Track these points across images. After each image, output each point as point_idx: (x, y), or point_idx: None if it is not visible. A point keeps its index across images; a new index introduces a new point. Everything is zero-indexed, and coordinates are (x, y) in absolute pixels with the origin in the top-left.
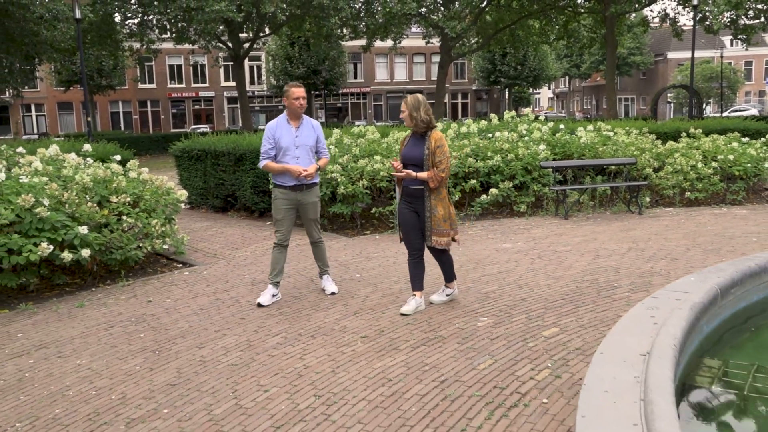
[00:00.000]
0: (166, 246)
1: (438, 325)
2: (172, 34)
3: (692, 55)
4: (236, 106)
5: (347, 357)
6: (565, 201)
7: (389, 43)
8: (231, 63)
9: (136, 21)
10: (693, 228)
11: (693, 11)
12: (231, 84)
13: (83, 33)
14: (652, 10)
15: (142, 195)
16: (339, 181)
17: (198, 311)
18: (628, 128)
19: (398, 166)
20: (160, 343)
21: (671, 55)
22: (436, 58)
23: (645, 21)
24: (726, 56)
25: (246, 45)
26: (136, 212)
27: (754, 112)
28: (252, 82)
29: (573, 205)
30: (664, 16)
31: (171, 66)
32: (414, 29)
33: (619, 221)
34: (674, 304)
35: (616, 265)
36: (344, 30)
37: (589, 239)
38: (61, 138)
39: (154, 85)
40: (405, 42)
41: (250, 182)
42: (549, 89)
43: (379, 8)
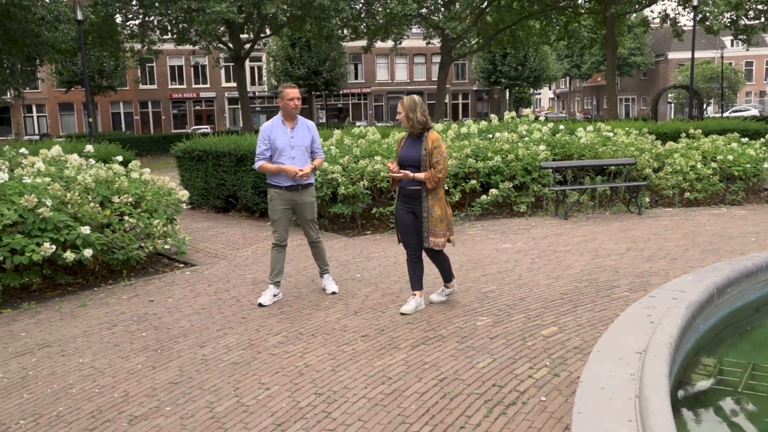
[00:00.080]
0: (168, 246)
1: (438, 325)
2: (173, 35)
3: (692, 56)
4: (237, 107)
5: (348, 356)
6: (565, 201)
7: (390, 44)
8: (232, 64)
9: (137, 22)
10: (692, 228)
11: (693, 12)
12: (232, 85)
13: (84, 34)
14: (653, 11)
15: (144, 195)
16: (340, 182)
17: (199, 310)
18: (628, 129)
19: (394, 169)
20: (162, 342)
21: (672, 56)
22: (437, 59)
23: (645, 21)
24: (726, 56)
25: (247, 46)
26: (138, 212)
27: (755, 113)
28: (253, 83)
29: (573, 206)
30: (665, 17)
31: (172, 67)
32: (414, 30)
33: (619, 221)
34: (671, 303)
35: (615, 265)
36: (345, 31)
37: (589, 239)
38: (62, 139)
39: (155, 86)
40: (405, 43)
41: (251, 183)
42: (550, 90)
43: (380, 9)
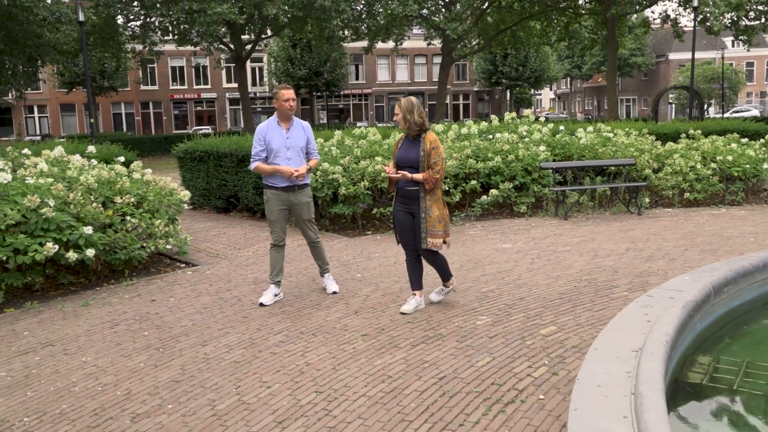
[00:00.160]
0: (170, 246)
1: (437, 324)
2: (175, 36)
3: (692, 57)
4: (238, 108)
5: (348, 354)
6: (565, 202)
7: (391, 45)
8: (233, 65)
9: (139, 23)
10: (691, 228)
11: (694, 13)
12: (233, 85)
13: (86, 35)
14: (653, 12)
15: (146, 196)
16: (340, 182)
17: (201, 310)
18: (628, 129)
19: (391, 171)
20: (164, 341)
21: (672, 56)
22: (438, 60)
23: (646, 22)
24: (727, 57)
25: (248, 47)
26: (140, 213)
27: (756, 113)
28: (254, 84)
29: (573, 206)
30: (665, 18)
31: (173, 68)
32: (415, 31)
33: (618, 222)
34: (668, 303)
35: (615, 265)
36: (346, 32)
37: (588, 239)
38: (64, 139)
39: (156, 87)
40: (406, 43)
41: (252, 183)
42: (550, 90)
43: (381, 10)
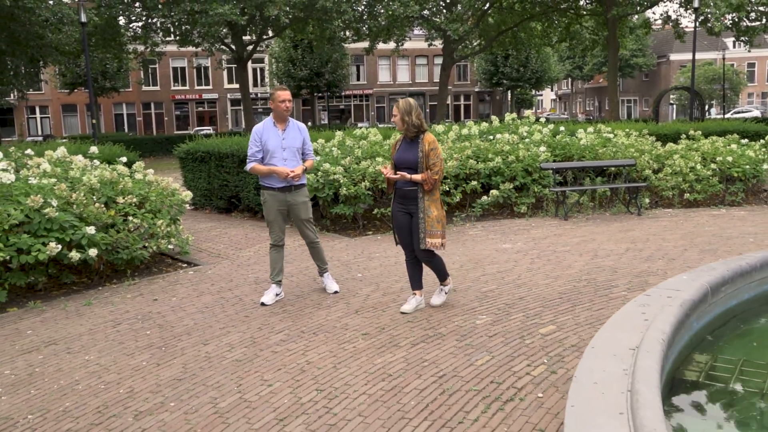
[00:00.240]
0: (171, 246)
1: (437, 323)
2: (176, 37)
3: (693, 57)
4: (239, 108)
5: (348, 353)
6: (565, 202)
7: (392, 46)
8: (234, 65)
9: (141, 24)
10: (691, 229)
11: (694, 13)
12: (234, 86)
13: (88, 36)
14: (654, 13)
15: (148, 196)
16: (341, 183)
17: (203, 309)
18: (628, 130)
19: (389, 173)
20: (166, 340)
21: (674, 57)
22: (439, 60)
23: (647, 23)
24: (728, 58)
25: (249, 47)
26: (142, 213)
27: (757, 114)
28: (255, 85)
29: (573, 206)
30: (666, 18)
31: (174, 68)
32: (416, 31)
33: (618, 222)
34: (665, 302)
35: (614, 265)
36: (347, 32)
37: (588, 240)
38: (66, 140)
39: (158, 88)
40: (407, 44)
41: (254, 183)
42: (551, 91)
43: (382, 11)
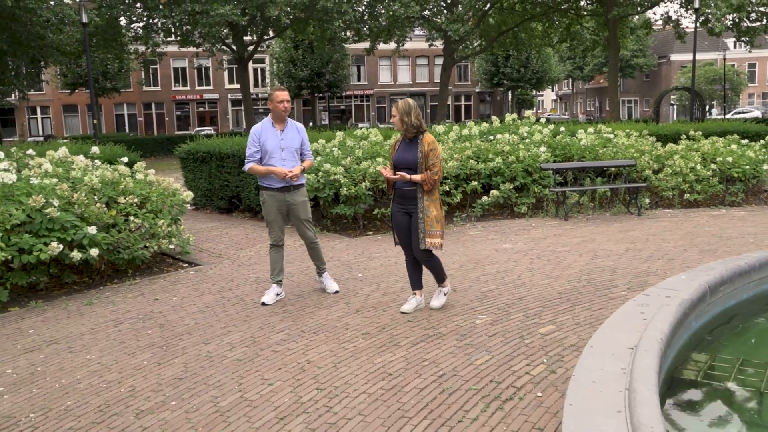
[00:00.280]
0: (172, 246)
1: (437, 323)
2: (177, 38)
3: (693, 58)
4: (240, 109)
5: (349, 352)
6: (565, 202)
7: (392, 46)
8: (235, 66)
9: (142, 24)
10: (691, 229)
11: (695, 14)
12: (235, 86)
13: (89, 36)
14: (655, 13)
15: (149, 196)
16: (342, 183)
17: (204, 309)
18: (628, 131)
19: (388, 174)
20: (167, 339)
21: (674, 57)
22: (440, 61)
23: (648, 23)
24: (729, 58)
25: (250, 48)
26: (143, 213)
27: (758, 114)
28: (256, 85)
29: (573, 207)
30: (667, 19)
31: (175, 69)
32: (417, 32)
33: (618, 222)
34: (664, 301)
35: (614, 265)
36: (348, 33)
37: (588, 240)
38: (67, 140)
39: (159, 88)
40: (408, 44)
41: (254, 184)
42: (552, 91)
43: (383, 11)
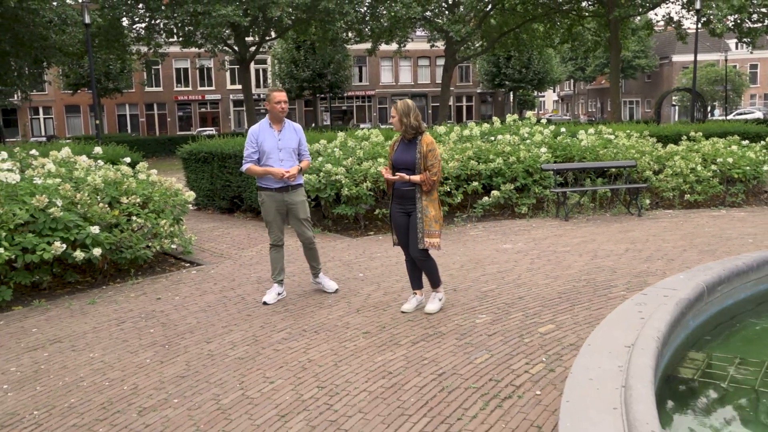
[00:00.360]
0: (174, 246)
1: (437, 322)
2: (179, 38)
3: (695, 59)
4: (242, 109)
5: (349, 351)
6: (566, 203)
7: (394, 47)
8: (237, 66)
9: (144, 25)
10: (691, 229)
11: (696, 15)
12: (237, 87)
13: (91, 37)
14: (656, 14)
15: (152, 196)
16: (343, 183)
17: (205, 308)
18: (629, 131)
19: (388, 174)
20: (170, 338)
21: (676, 58)
22: (441, 62)
23: (649, 24)
24: (731, 59)
25: (252, 49)
26: (146, 213)
27: (759, 115)
28: (258, 85)
29: (573, 207)
30: (669, 20)
31: (177, 69)
32: (419, 33)
33: (619, 223)
34: (661, 300)
35: (614, 266)
36: (349, 34)
37: (588, 240)
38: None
39: (161, 88)
40: (410, 45)
41: (256, 184)
42: (554, 92)
43: (384, 12)
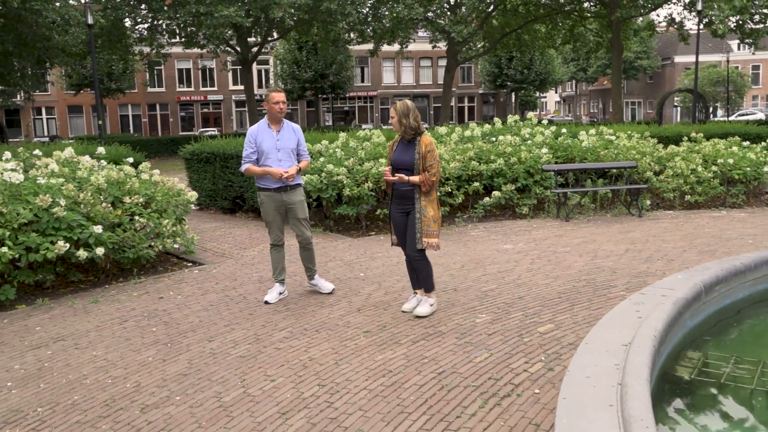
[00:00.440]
0: (177, 245)
1: (438, 321)
2: (182, 39)
3: (696, 60)
4: (244, 110)
5: (350, 350)
6: (567, 203)
7: (396, 47)
8: (239, 67)
9: (146, 26)
10: (691, 230)
11: (698, 16)
12: (239, 88)
13: (94, 37)
14: (659, 15)
15: (154, 196)
16: (345, 184)
17: (208, 307)
18: (630, 132)
19: (388, 175)
20: (172, 337)
21: (678, 59)
22: (443, 62)
23: (651, 25)
24: (733, 60)
25: (254, 49)
26: (148, 213)
27: (761, 116)
28: (260, 86)
29: (574, 208)
30: (671, 21)
31: (180, 70)
32: (421, 33)
33: (619, 223)
34: (659, 300)
35: (614, 266)
36: (351, 34)
37: (589, 240)
38: (72, 141)
39: (163, 89)
40: (412, 46)
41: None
42: (556, 93)
43: (386, 13)
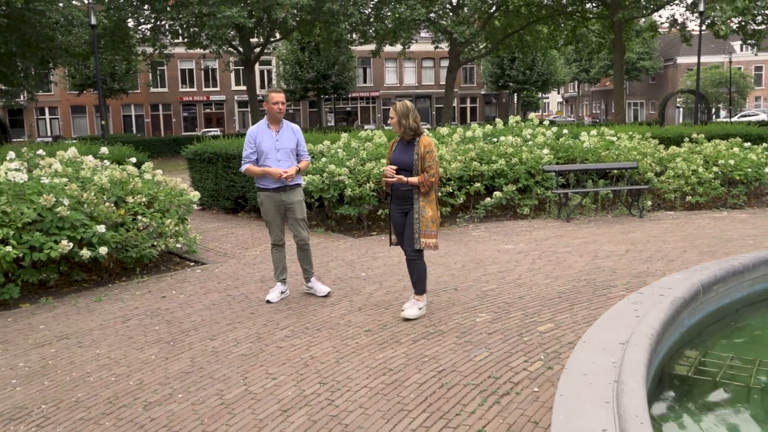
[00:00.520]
0: (179, 245)
1: (438, 321)
2: (184, 39)
3: (698, 61)
4: (247, 110)
5: (351, 349)
6: (568, 204)
7: (398, 48)
8: (242, 67)
9: (149, 26)
10: (692, 231)
11: (700, 17)
12: (242, 88)
13: (97, 38)
14: (661, 16)
15: (157, 196)
16: (347, 184)
17: (210, 306)
18: (631, 133)
19: (390, 173)
20: (174, 335)
21: (680, 60)
22: (445, 63)
23: (653, 26)
24: (735, 61)
25: (257, 50)
26: (151, 212)
27: (764, 117)
28: (262, 86)
29: (575, 208)
30: (673, 22)
31: (182, 70)
32: (423, 34)
33: (620, 224)
34: (657, 299)
35: (614, 266)
36: (354, 35)
37: (589, 241)
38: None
39: (166, 89)
40: (414, 47)
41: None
42: (558, 94)
43: (389, 14)
